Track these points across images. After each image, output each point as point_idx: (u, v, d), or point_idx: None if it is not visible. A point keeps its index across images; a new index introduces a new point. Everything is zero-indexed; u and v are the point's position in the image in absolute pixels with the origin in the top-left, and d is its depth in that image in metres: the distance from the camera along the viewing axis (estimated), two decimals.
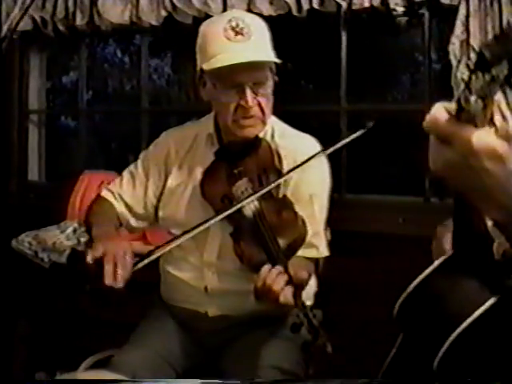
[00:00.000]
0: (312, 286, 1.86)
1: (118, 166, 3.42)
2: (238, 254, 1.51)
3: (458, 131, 0.72)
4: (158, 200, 1.80)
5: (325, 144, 1.79)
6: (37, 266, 2.89)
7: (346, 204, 2.70)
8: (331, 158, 1.80)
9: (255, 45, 1.58)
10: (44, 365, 2.86)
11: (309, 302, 1.82)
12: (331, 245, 1.78)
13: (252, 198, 1.54)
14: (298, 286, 1.39)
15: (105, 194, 1.83)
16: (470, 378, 1.18)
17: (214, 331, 1.73)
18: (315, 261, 1.73)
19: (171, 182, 1.78)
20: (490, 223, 0.83)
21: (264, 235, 1.48)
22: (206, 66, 1.60)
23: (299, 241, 1.54)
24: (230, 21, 1.58)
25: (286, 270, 1.41)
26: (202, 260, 1.72)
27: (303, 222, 1.55)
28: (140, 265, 1.52)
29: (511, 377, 1.10)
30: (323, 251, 1.73)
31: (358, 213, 2.66)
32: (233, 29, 1.57)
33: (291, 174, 1.60)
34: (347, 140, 1.59)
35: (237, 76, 1.56)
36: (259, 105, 1.61)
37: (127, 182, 1.82)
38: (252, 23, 1.61)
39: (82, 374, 1.67)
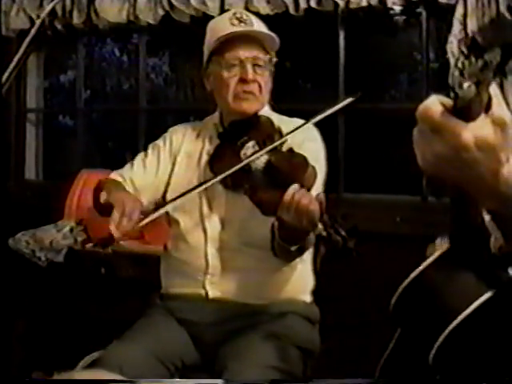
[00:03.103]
0: (310, 282, 1.86)
1: (115, 164, 3.41)
2: (257, 203, 1.54)
3: (450, 124, 0.71)
4: (165, 190, 1.84)
5: (324, 143, 1.81)
6: (34, 265, 2.88)
7: (343, 203, 2.70)
8: (329, 157, 1.81)
9: (256, 29, 1.75)
10: (41, 364, 2.85)
11: (308, 297, 1.84)
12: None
13: (258, 154, 1.60)
14: (322, 203, 1.44)
15: (114, 176, 1.86)
16: (465, 372, 1.18)
17: (213, 324, 1.73)
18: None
19: (177, 170, 1.84)
20: (487, 217, 0.83)
21: (278, 180, 1.53)
22: (213, 45, 1.74)
23: (311, 183, 1.57)
24: (234, 13, 1.78)
25: None
26: (205, 236, 1.77)
27: (313, 167, 1.59)
28: (144, 221, 1.60)
29: (506, 371, 1.10)
30: None
31: (356, 212, 2.65)
32: (237, 18, 1.75)
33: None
34: (337, 107, 1.65)
35: (238, 50, 1.72)
36: (258, 83, 1.73)
37: (138, 165, 1.87)
38: (254, 18, 1.79)
39: (79, 374, 1.66)
